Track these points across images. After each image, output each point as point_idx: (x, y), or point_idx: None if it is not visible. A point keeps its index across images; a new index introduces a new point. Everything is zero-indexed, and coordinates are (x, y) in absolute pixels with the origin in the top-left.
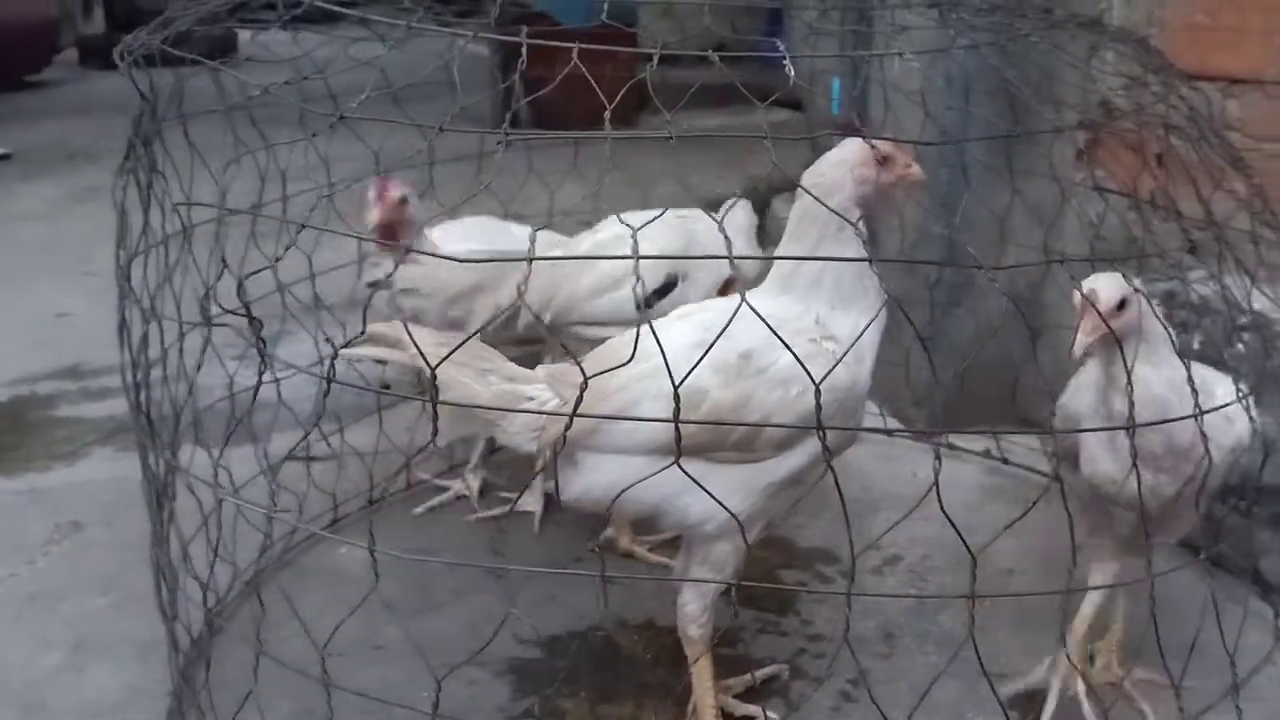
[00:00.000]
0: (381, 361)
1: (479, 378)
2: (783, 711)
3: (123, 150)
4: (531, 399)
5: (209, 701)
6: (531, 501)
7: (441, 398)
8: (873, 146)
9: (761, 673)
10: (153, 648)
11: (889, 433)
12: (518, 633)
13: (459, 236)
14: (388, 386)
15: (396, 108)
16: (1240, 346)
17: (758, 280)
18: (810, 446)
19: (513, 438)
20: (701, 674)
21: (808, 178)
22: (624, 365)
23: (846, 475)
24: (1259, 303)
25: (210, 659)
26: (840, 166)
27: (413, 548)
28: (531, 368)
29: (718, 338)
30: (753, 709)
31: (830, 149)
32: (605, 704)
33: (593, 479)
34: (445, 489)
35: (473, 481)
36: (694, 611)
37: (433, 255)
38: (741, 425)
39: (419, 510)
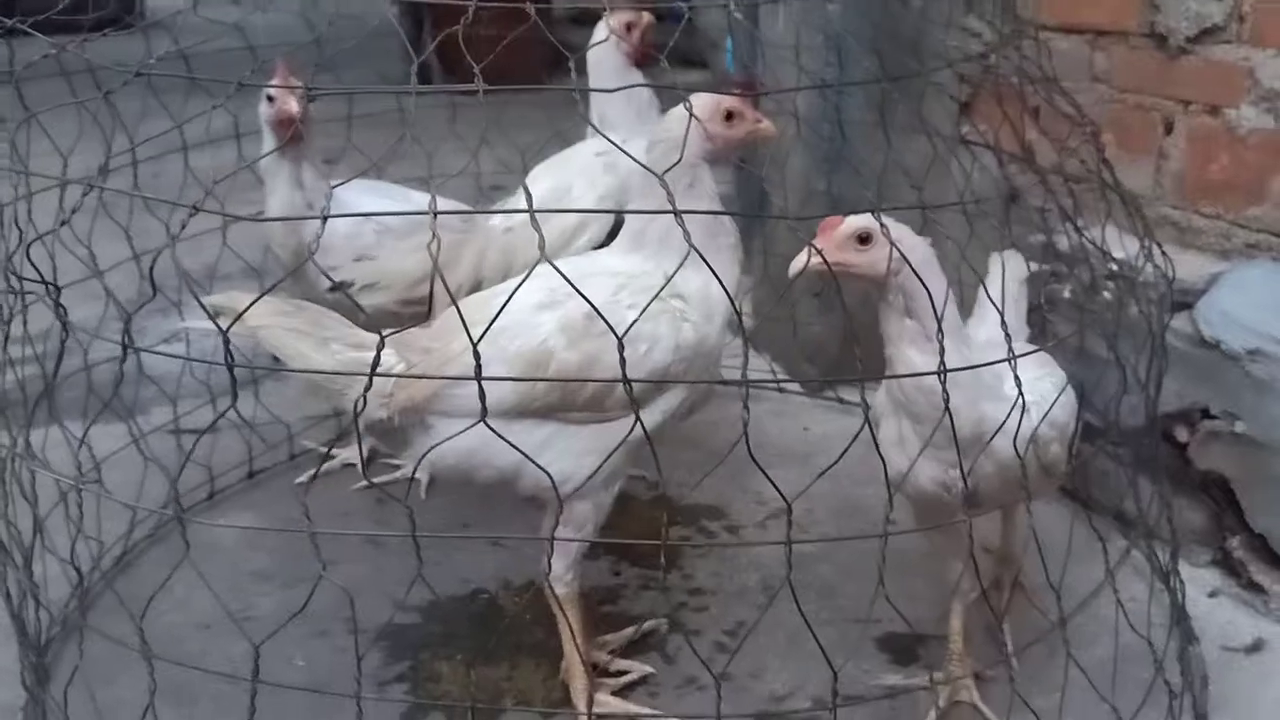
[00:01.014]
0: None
1: (320, 347)
2: (659, 664)
3: None
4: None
5: (37, 680)
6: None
7: (285, 368)
8: (687, 101)
9: (638, 628)
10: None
11: (743, 384)
12: (396, 599)
13: (364, 190)
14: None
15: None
16: (1106, 295)
17: None
18: (664, 404)
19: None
20: (570, 632)
21: (655, 134)
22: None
23: (738, 430)
24: (1120, 252)
25: (53, 639)
26: (685, 122)
27: (290, 518)
28: None
29: (508, 296)
30: (627, 663)
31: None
32: (481, 665)
33: (445, 444)
34: (331, 457)
35: (359, 449)
36: (558, 571)
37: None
38: (548, 380)
39: (301, 479)
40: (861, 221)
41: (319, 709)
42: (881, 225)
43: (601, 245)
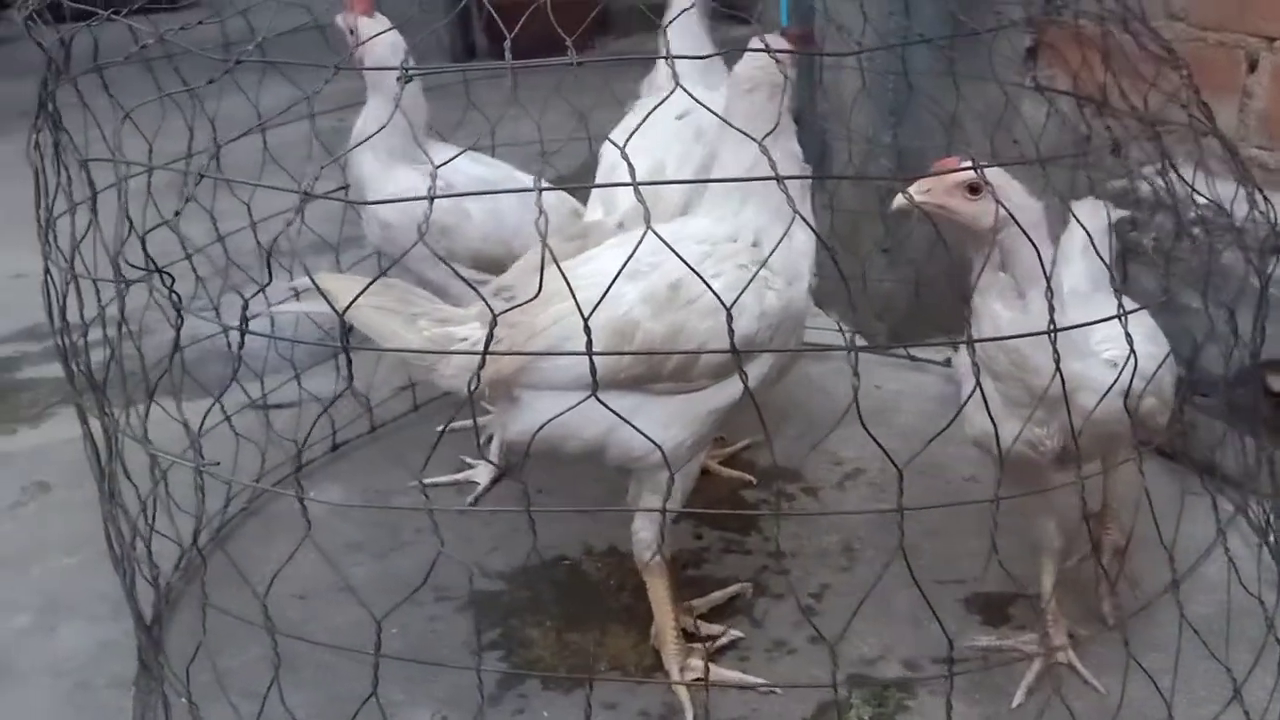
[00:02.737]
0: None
1: (408, 324)
2: (746, 628)
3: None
4: (464, 339)
5: (154, 655)
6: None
7: (375, 346)
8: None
9: (724, 592)
10: (126, 604)
11: (850, 349)
12: (482, 566)
13: (457, 155)
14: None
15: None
16: (1190, 241)
17: None
18: (754, 371)
19: (450, 381)
20: (659, 598)
21: (739, 81)
22: (555, 299)
23: (810, 391)
24: (1204, 198)
25: (162, 613)
26: (765, 71)
27: (376, 490)
28: None
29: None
30: (716, 628)
31: None
32: (571, 631)
33: (532, 417)
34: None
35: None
36: (647, 538)
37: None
38: (658, 354)
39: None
40: (975, 174)
41: (415, 676)
42: (986, 183)
43: None
